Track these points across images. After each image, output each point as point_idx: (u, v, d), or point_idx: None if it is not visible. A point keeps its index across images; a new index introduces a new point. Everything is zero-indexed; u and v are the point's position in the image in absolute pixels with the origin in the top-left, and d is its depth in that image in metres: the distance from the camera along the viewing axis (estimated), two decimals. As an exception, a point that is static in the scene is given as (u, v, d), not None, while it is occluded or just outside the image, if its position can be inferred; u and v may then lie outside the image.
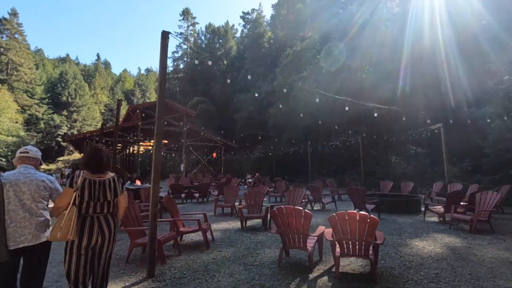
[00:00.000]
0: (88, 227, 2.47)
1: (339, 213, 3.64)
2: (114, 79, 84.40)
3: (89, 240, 2.45)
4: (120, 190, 2.69)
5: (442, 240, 5.69)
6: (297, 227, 3.97)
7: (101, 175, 2.60)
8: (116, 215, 2.73)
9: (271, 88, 29.53)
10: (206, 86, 52.79)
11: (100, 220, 2.53)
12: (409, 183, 11.49)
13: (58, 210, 2.42)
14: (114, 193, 2.61)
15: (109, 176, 2.65)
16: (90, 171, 2.55)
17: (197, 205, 10.98)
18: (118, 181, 2.71)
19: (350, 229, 3.63)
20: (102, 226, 2.52)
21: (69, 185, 2.48)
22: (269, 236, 6.09)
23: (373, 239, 3.58)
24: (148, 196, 8.35)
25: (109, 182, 2.60)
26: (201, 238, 5.87)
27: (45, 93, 58.47)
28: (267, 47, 40.02)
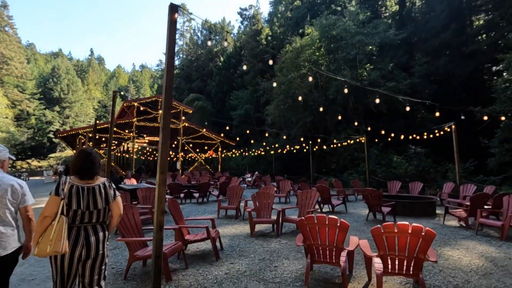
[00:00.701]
0: (72, 238, 2.22)
1: (386, 225, 3.01)
2: (108, 75, 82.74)
3: (72, 253, 2.19)
4: (112, 196, 2.43)
5: (475, 249, 5.11)
6: (330, 239, 3.33)
7: (90, 180, 2.35)
8: (108, 225, 2.48)
9: (269, 85, 28.84)
10: (202, 83, 51.89)
11: (88, 231, 2.28)
12: (418, 183, 10.96)
13: (43, 221, 2.15)
14: (105, 200, 2.37)
15: (99, 181, 2.41)
16: (78, 177, 2.32)
17: (198, 206, 10.29)
18: (110, 186, 2.45)
19: (398, 243, 3.01)
20: (89, 238, 2.26)
21: (55, 193, 2.21)
22: (282, 244, 5.44)
23: (425, 256, 2.96)
24: (146, 197, 7.66)
25: (99, 188, 2.36)
26: (208, 245, 5.22)
27: (37, 88, 56.83)
28: (265, 44, 39.29)
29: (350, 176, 20.08)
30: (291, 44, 27.85)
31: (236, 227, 6.93)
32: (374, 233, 3.06)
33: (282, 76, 25.92)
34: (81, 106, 61.84)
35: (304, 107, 25.59)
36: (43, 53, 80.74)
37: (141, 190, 7.57)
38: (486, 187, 9.02)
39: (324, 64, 25.43)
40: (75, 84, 61.51)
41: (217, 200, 11.25)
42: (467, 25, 25.03)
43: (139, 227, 4.22)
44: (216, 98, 46.63)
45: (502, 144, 14.33)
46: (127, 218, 4.11)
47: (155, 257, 3.10)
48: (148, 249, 4.02)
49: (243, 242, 5.53)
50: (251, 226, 6.00)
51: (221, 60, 49.32)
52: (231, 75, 44.90)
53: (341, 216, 8.19)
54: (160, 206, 3.16)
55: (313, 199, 6.46)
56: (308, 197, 6.55)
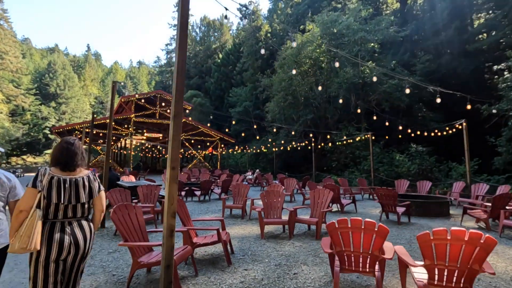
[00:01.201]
0: (58, 235, 2.03)
1: (436, 231, 2.57)
2: (105, 71, 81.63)
3: (59, 250, 2.02)
4: (97, 190, 2.28)
5: (505, 254, 4.72)
6: (365, 245, 2.89)
7: (73, 172, 2.18)
8: (92, 220, 2.33)
9: (269, 82, 28.37)
10: (201, 79, 51.27)
11: (73, 227, 2.12)
12: (426, 182, 10.59)
13: (19, 216, 1.96)
14: (89, 193, 2.21)
15: (83, 173, 2.24)
16: (59, 168, 2.14)
17: (200, 204, 9.82)
18: (95, 179, 2.30)
19: (450, 252, 2.58)
20: (76, 234, 2.10)
21: (32, 185, 2.04)
22: (296, 247, 5.00)
23: (481, 267, 2.54)
24: (148, 195, 7.17)
25: (83, 180, 2.20)
26: (217, 248, 4.77)
27: (32, 84, 55.77)
28: (264, 40, 38.73)
29: (351, 175, 19.72)
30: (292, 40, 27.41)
31: (244, 227, 6.48)
32: (422, 240, 2.62)
33: (283, 73, 25.45)
34: (78, 102, 60.88)
35: (305, 104, 25.19)
36: (38, 48, 79.37)
37: (142, 188, 7.08)
38: (500, 186, 8.65)
39: (325, 62, 25.01)
40: (72, 79, 60.49)
41: (220, 199, 10.81)
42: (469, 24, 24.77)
43: (143, 230, 3.75)
44: (215, 95, 46.07)
45: (509, 142, 14.02)
46: (130, 220, 3.64)
47: (165, 267, 2.63)
48: (153, 255, 3.56)
49: (254, 245, 5.08)
50: (261, 227, 5.55)
51: (219, 57, 48.71)
52: (229, 72, 44.34)
53: (352, 216, 7.76)
54: (171, 207, 2.69)
55: (326, 198, 6.02)
56: (321, 196, 6.12)
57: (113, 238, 5.47)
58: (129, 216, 3.68)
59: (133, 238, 3.52)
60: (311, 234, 5.79)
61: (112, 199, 5.85)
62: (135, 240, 3.53)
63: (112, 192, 5.92)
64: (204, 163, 27.37)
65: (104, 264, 4.16)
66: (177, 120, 2.76)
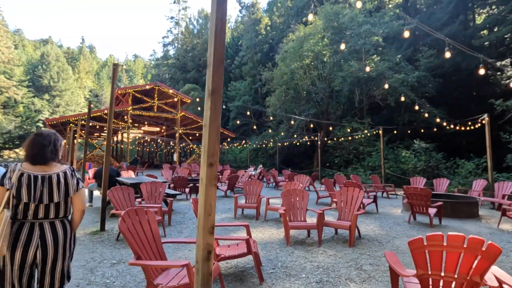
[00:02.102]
0: (24, 237, 1.82)
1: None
2: (100, 64, 79.64)
3: (23, 254, 1.80)
4: (75, 187, 2.02)
5: None
6: (463, 269, 2.15)
7: (45, 167, 1.93)
8: (71, 221, 2.06)
9: (269, 76, 27.49)
10: (198, 73, 50.10)
11: (44, 228, 1.87)
12: (444, 180, 9.96)
13: None
14: (64, 192, 1.95)
15: (59, 169, 1.99)
16: (30, 163, 1.91)
17: (205, 202, 9.03)
18: (73, 175, 2.04)
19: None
20: (45, 236, 1.86)
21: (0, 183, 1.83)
22: (331, 256, 4.27)
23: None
24: (152, 193, 6.36)
25: (58, 177, 1.94)
26: (241, 259, 4.01)
27: (25, 75, 53.95)
28: (264, 34, 37.75)
29: (354, 171, 19.13)
30: (294, 32, 26.51)
31: (262, 231, 5.72)
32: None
33: (285, 66, 24.61)
34: (72, 95, 59.23)
35: (307, 98, 24.44)
36: (31, 40, 76.91)
37: (145, 185, 6.26)
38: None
39: (328, 55, 24.24)
40: (65, 72, 58.71)
41: (226, 196, 10.04)
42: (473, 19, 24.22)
43: (158, 241, 2.96)
44: (212, 89, 45.02)
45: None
46: (142, 229, 2.84)
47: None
48: (172, 274, 2.77)
49: (282, 254, 4.33)
50: (286, 233, 4.79)
51: (217, 50, 47.52)
52: (228, 65, 43.26)
53: (373, 217, 7.09)
54: (209, 220, 1.91)
55: (357, 198, 5.29)
56: (350, 195, 5.38)
57: (116, 245, 4.67)
58: (141, 224, 2.88)
59: (147, 254, 2.73)
60: (342, 240, 5.06)
61: (114, 199, 5.04)
62: (149, 255, 2.74)
63: (113, 190, 5.10)
64: (203, 158, 26.50)
65: (108, 281, 3.37)
66: (215, 97, 1.96)
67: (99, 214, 6.76)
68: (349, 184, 7.40)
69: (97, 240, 4.90)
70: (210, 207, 1.94)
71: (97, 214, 6.88)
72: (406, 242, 4.80)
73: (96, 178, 7.84)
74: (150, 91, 23.15)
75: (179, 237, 5.17)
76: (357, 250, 4.48)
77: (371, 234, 5.44)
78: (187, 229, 5.67)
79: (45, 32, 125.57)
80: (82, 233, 5.31)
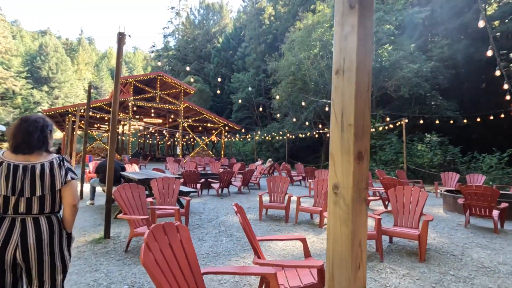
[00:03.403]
0: (3, 234, 1.56)
1: None
2: (99, 55, 77.75)
3: (1, 253, 1.54)
4: (62, 179, 1.71)
5: None
6: None
7: (29, 157, 1.66)
8: (62, 218, 1.76)
9: (274, 66, 26.26)
10: (199, 65, 48.68)
11: (26, 225, 1.61)
12: (479, 176, 8.97)
13: None
14: (49, 184, 1.66)
15: (45, 158, 1.70)
16: (13, 152, 1.64)
17: (220, 200, 8.01)
18: (61, 166, 1.72)
19: None
20: (26, 234, 1.59)
21: None
22: (404, 276, 3.27)
23: None
24: (167, 192, 5.32)
25: (42, 167, 1.66)
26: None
27: (23, 66, 52.33)
28: (268, 24, 36.35)
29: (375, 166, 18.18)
30: (302, 21, 25.24)
31: (299, 237, 4.71)
32: None
33: (292, 56, 23.41)
34: (71, 87, 57.74)
35: (315, 90, 23.31)
36: (29, 31, 74.73)
37: (157, 182, 5.21)
38: None
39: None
40: (64, 63, 57.07)
41: (240, 193, 9.03)
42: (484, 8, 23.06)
43: (197, 274, 1.93)
44: (215, 81, 43.71)
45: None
46: (174, 258, 1.81)
47: None
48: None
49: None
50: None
51: (219, 41, 46.08)
52: (230, 57, 41.93)
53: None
54: (358, 278, 0.88)
55: (417, 200, 4.27)
56: (408, 196, 4.36)
57: (126, 259, 3.64)
58: (172, 249, 1.85)
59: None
60: (403, 251, 4.06)
61: (121, 199, 3.99)
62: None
63: (120, 190, 4.05)
64: (207, 151, 25.43)
65: (118, 323, 2.34)
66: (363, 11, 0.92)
67: (101, 214, 5.77)
68: (390, 181, 6.39)
69: (101, 251, 3.87)
70: (359, 251, 0.90)
71: (99, 215, 5.87)
72: (485, 255, 3.82)
73: (98, 173, 6.80)
74: (152, 81, 21.95)
75: (201, 246, 4.16)
76: (433, 268, 3.48)
77: (433, 243, 4.45)
78: (209, 236, 4.65)
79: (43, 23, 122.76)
80: (82, 241, 4.28)
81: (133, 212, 4.08)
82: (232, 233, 4.81)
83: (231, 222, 5.57)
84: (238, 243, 4.29)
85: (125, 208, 3.98)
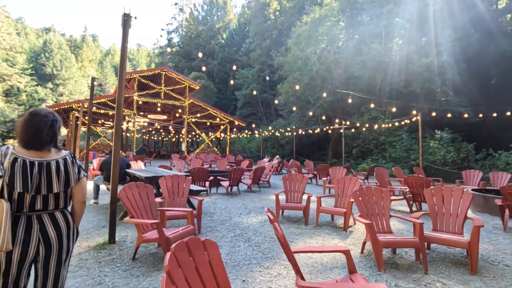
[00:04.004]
0: (22, 231, 1.51)
1: None
2: (103, 52, 77.39)
3: (23, 250, 1.49)
4: (76, 176, 1.69)
5: None
6: None
7: (42, 153, 1.60)
8: (72, 215, 1.73)
9: (280, 62, 25.65)
10: (203, 61, 48.10)
11: (44, 221, 1.57)
12: (503, 173, 8.41)
13: None
14: (65, 181, 1.64)
15: (58, 155, 1.66)
16: (24, 147, 1.58)
17: (230, 199, 7.54)
18: (74, 163, 1.70)
19: None
20: (47, 230, 1.56)
21: None
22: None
23: None
24: (176, 191, 4.84)
25: (57, 164, 1.62)
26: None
27: (28, 63, 52.07)
28: (273, 19, 35.66)
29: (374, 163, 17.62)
30: (309, 14, 24.58)
31: (324, 244, 4.22)
32: None
33: (299, 51, 22.81)
34: (75, 84, 57.45)
35: (322, 86, 22.71)
36: (34, 28, 74.49)
37: (165, 180, 4.74)
38: None
39: (344, 39, 22.41)
40: (68, 60, 56.75)
41: (251, 191, 8.54)
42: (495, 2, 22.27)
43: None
44: (218, 78, 43.18)
45: None
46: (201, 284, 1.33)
47: None
48: None
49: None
50: (377, 252, 3.27)
51: (223, 37, 45.43)
52: (234, 53, 41.31)
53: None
54: None
55: (460, 202, 3.76)
56: (448, 198, 3.85)
57: (133, 269, 3.18)
58: (198, 272, 1.37)
59: None
60: (450, 261, 3.55)
61: (128, 200, 3.51)
62: None
63: (127, 189, 3.58)
64: (213, 147, 24.96)
65: None
66: None
67: (106, 215, 5.32)
68: (417, 179, 5.88)
69: (105, 259, 3.41)
70: None
71: (104, 215, 5.42)
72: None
73: (102, 170, 6.35)
74: (157, 77, 21.47)
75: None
76: (489, 282, 2.97)
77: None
78: (225, 241, 4.17)
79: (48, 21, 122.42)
80: (84, 246, 3.83)
81: (141, 215, 3.61)
82: (249, 237, 4.33)
83: (245, 224, 5.09)
84: (258, 250, 3.81)
85: (132, 211, 3.51)
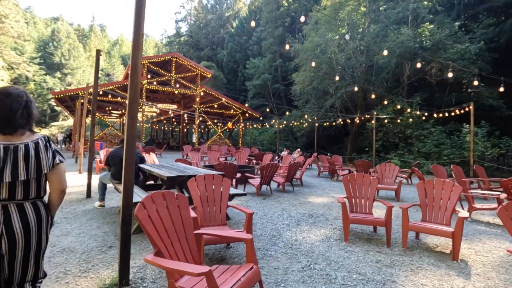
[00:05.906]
0: None
1: None
2: (111, 42, 75.84)
3: None
4: (49, 162, 1.47)
5: None
6: None
7: (11, 137, 1.41)
8: (48, 203, 1.56)
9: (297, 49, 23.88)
10: (212, 51, 46.33)
11: (10, 212, 1.38)
12: None
13: None
14: (35, 167, 1.43)
15: (29, 138, 1.45)
16: None
17: (263, 201, 6.10)
18: (47, 147, 1.48)
19: None
20: (11, 222, 1.38)
21: None
22: None
23: None
24: (211, 199, 3.37)
25: (26, 149, 1.41)
26: None
27: (36, 52, 50.90)
28: (286, 6, 33.66)
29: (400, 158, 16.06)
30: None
31: (438, 280, 2.75)
32: None
33: (318, 37, 21.02)
34: (84, 73, 56.25)
35: (342, 74, 20.99)
36: (43, 18, 73.02)
37: (197, 182, 3.27)
38: None
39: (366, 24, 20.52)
40: (76, 49, 55.42)
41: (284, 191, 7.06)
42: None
43: None
44: (228, 68, 41.42)
45: None
46: None
47: None
48: None
49: None
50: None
51: (233, 26, 43.49)
52: (245, 42, 39.46)
53: None
54: None
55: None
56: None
57: None
58: None
59: None
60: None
61: (152, 225, 2.06)
62: None
63: (147, 203, 2.13)
64: (225, 139, 23.53)
65: None
66: None
67: (114, 225, 3.77)
68: None
69: None
70: None
71: (111, 226, 3.94)
72: None
73: (109, 165, 4.87)
74: (167, 63, 19.94)
75: None
76: None
77: None
78: (293, 280, 2.72)
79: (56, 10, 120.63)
80: (83, 286, 2.42)
81: (171, 246, 2.16)
82: (326, 271, 2.86)
83: (304, 243, 3.62)
84: None
85: (159, 241, 2.06)
